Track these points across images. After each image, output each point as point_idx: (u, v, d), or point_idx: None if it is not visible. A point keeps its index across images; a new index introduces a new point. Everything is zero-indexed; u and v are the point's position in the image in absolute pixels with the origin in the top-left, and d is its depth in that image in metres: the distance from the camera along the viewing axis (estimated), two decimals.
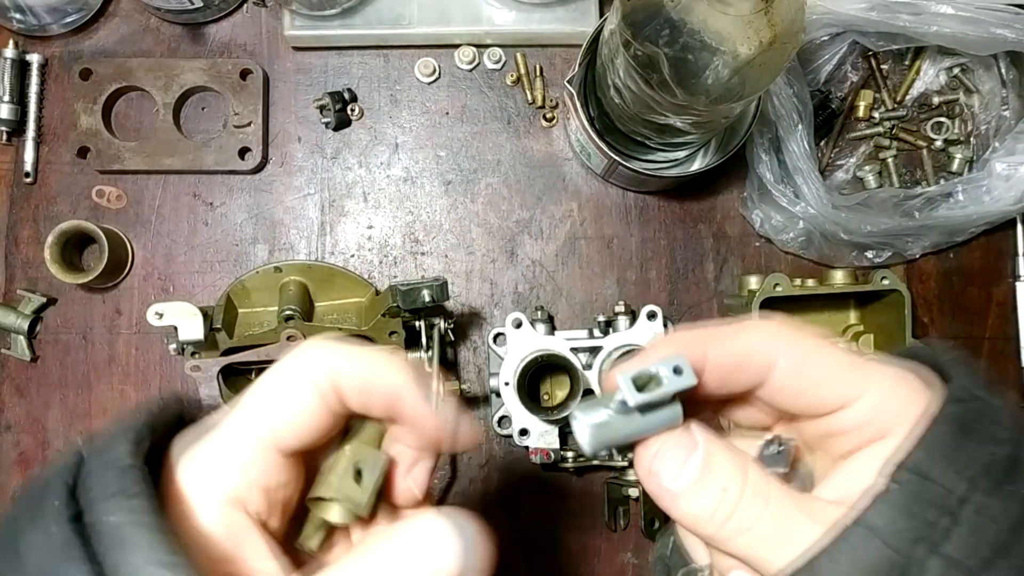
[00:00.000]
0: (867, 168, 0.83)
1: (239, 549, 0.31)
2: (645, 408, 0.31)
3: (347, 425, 0.35)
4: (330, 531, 0.34)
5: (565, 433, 0.76)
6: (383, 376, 0.32)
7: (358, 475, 0.31)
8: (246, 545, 0.32)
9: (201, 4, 0.79)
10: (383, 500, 0.34)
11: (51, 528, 0.27)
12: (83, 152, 0.79)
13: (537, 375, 0.79)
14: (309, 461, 0.34)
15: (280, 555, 0.33)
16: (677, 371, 0.30)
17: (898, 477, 0.29)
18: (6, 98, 0.80)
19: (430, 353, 0.71)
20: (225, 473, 0.31)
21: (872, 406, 0.32)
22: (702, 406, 0.35)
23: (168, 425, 0.33)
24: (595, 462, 0.76)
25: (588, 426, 0.31)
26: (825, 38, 0.79)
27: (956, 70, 0.85)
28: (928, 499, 0.28)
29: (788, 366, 0.32)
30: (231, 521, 0.32)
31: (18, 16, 0.79)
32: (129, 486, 0.27)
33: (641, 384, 0.30)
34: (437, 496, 0.79)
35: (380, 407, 0.33)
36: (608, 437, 0.31)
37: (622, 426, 0.31)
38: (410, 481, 0.35)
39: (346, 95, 0.82)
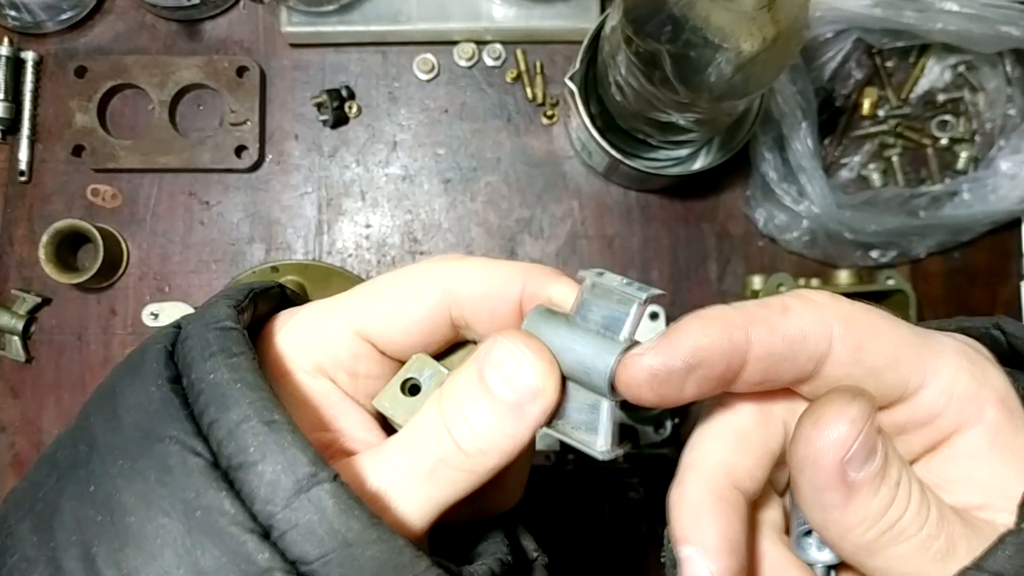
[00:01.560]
0: (872, 167, 0.82)
1: (335, 418, 0.31)
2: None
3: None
4: None
5: None
6: (508, 283, 0.31)
7: (414, 390, 0.30)
8: (342, 414, 0.32)
9: (197, 1, 0.78)
10: None
11: (149, 388, 0.27)
12: (78, 150, 0.79)
13: None
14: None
15: (378, 427, 0.32)
16: (653, 316, 0.29)
17: None
18: (0, 96, 0.79)
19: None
20: (313, 344, 0.31)
21: (942, 392, 0.27)
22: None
23: (271, 301, 0.33)
24: (597, 464, 0.76)
25: (528, 317, 0.30)
26: (829, 35, 0.78)
27: (961, 68, 0.84)
28: None
29: (844, 353, 0.27)
30: (324, 390, 0.32)
31: (13, 13, 0.78)
32: (230, 346, 0.27)
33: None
34: None
35: (502, 314, 0.31)
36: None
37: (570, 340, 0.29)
38: None
39: (344, 92, 0.81)
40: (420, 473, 0.28)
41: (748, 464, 0.30)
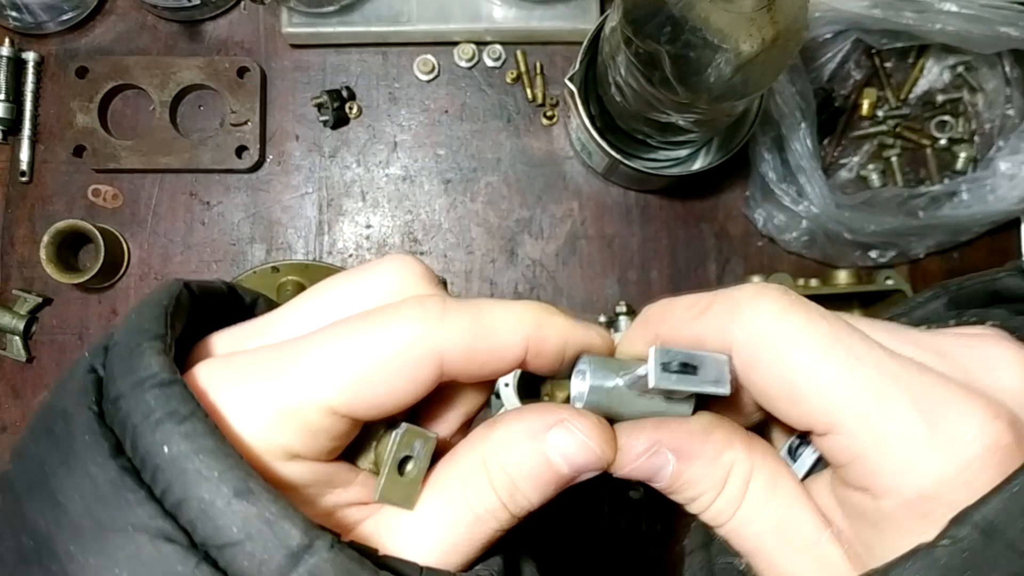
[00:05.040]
0: (871, 167, 0.82)
1: (320, 494, 0.28)
2: (662, 393, 0.28)
3: None
4: None
5: None
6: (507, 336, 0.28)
7: (403, 464, 0.28)
8: (330, 485, 0.29)
9: (198, 1, 0.78)
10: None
11: (90, 469, 0.23)
12: (79, 151, 0.79)
13: (538, 376, 0.78)
14: None
15: (365, 475, 0.29)
16: (716, 380, 0.27)
17: (955, 532, 0.23)
18: (2, 96, 0.79)
19: None
20: (280, 428, 0.26)
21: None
22: None
23: (183, 315, 0.29)
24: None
25: (590, 386, 0.29)
26: (828, 35, 0.78)
27: (960, 68, 0.84)
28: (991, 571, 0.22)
29: (770, 365, 0.27)
30: (299, 472, 0.27)
31: (14, 14, 0.78)
32: (176, 407, 0.23)
33: (669, 366, 0.27)
34: None
35: (498, 367, 0.29)
36: (603, 405, 0.29)
37: (624, 400, 0.29)
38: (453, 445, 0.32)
39: (344, 93, 0.81)
40: (478, 545, 0.28)
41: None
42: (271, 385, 0.26)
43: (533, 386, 0.34)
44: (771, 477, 0.29)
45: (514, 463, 0.28)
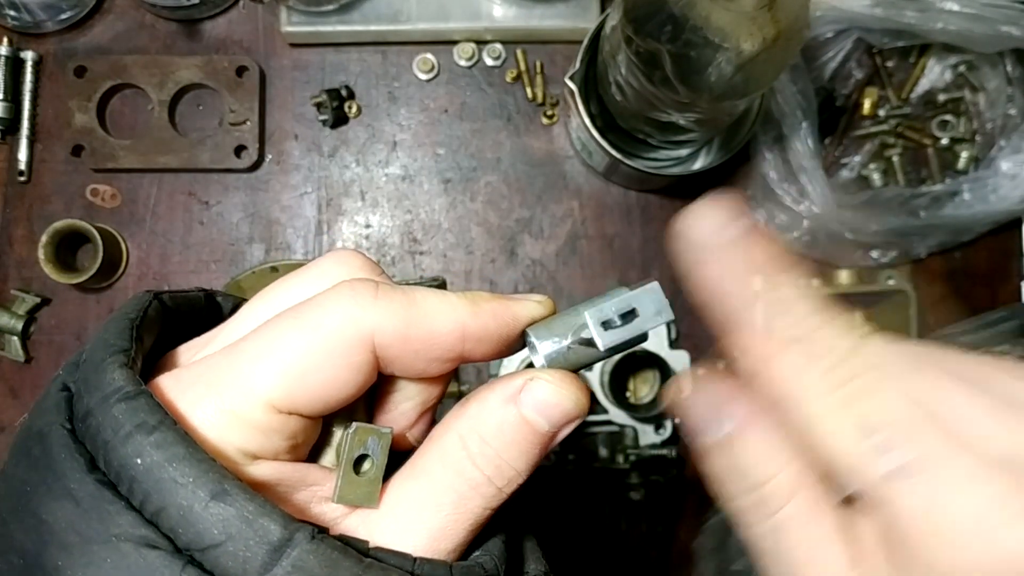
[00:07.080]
0: (872, 166, 0.82)
1: (291, 491, 0.28)
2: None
3: None
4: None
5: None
6: (441, 323, 0.28)
7: (359, 463, 0.28)
8: (300, 484, 0.28)
9: (197, 0, 0.78)
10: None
11: (69, 486, 0.24)
12: (77, 150, 0.78)
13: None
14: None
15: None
16: (657, 312, 0.28)
17: None
18: (0, 96, 0.79)
19: None
20: (232, 429, 0.26)
21: None
22: None
23: (152, 327, 0.29)
24: (596, 464, 0.76)
25: (544, 356, 0.29)
26: (830, 35, 0.78)
27: (962, 67, 0.83)
28: None
29: None
30: (265, 472, 0.28)
31: (12, 13, 0.78)
32: (144, 419, 0.24)
33: (610, 323, 0.28)
34: None
35: (437, 357, 0.29)
36: (562, 365, 0.29)
37: (581, 354, 0.29)
38: (411, 439, 0.32)
39: (343, 92, 0.81)
40: (467, 527, 0.28)
41: None
42: (212, 390, 0.26)
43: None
44: (817, 499, 0.28)
45: (493, 432, 0.28)
